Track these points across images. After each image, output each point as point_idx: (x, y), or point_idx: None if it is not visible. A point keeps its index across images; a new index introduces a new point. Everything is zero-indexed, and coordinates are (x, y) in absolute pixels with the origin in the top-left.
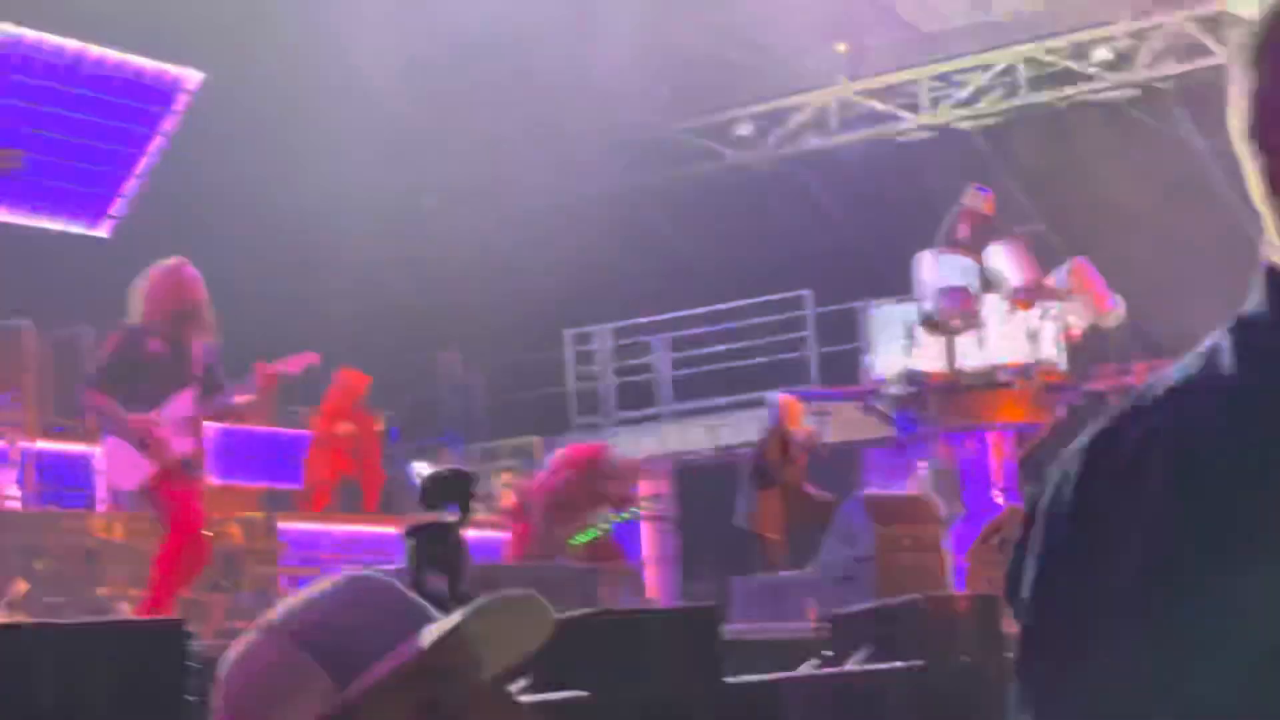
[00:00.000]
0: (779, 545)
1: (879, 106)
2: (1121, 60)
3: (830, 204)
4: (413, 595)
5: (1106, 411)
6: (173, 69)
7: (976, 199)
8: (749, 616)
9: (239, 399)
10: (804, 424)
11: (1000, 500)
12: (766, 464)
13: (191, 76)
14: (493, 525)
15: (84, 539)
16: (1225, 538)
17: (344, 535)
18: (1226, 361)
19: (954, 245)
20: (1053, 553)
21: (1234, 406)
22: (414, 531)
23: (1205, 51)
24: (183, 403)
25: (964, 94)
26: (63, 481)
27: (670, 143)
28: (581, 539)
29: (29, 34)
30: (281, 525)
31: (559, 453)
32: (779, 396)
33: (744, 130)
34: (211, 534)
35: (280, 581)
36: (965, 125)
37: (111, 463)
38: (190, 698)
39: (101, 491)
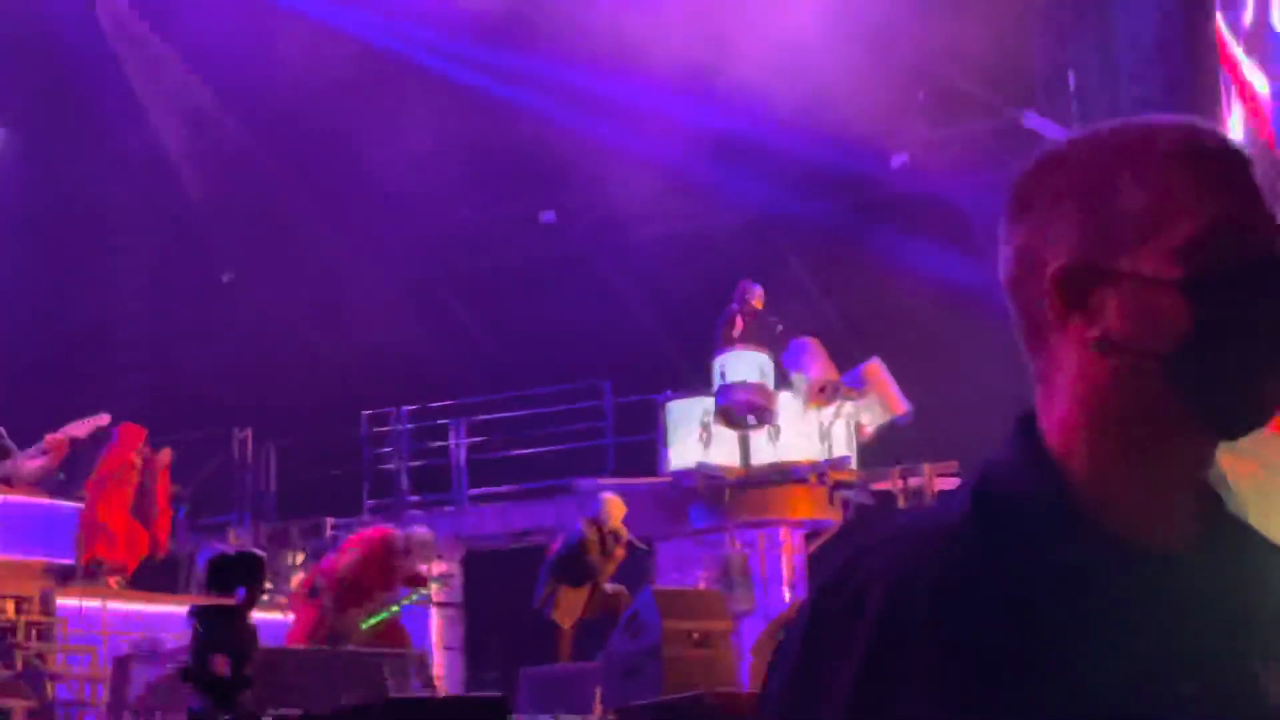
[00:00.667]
0: (568, 636)
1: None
2: (920, 168)
3: (630, 295)
4: None
5: (841, 544)
6: None
7: (750, 295)
8: (537, 707)
9: (29, 464)
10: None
11: (789, 596)
12: (586, 561)
13: None
14: (280, 607)
15: None
16: (921, 673)
17: (127, 613)
18: (957, 506)
19: (730, 342)
20: (784, 677)
21: (955, 548)
22: (200, 613)
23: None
24: None
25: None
26: None
27: (473, 230)
28: (371, 621)
29: None
30: (60, 601)
31: (349, 534)
32: (605, 495)
33: (546, 218)
34: None
35: (56, 659)
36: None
37: None
38: None
39: None
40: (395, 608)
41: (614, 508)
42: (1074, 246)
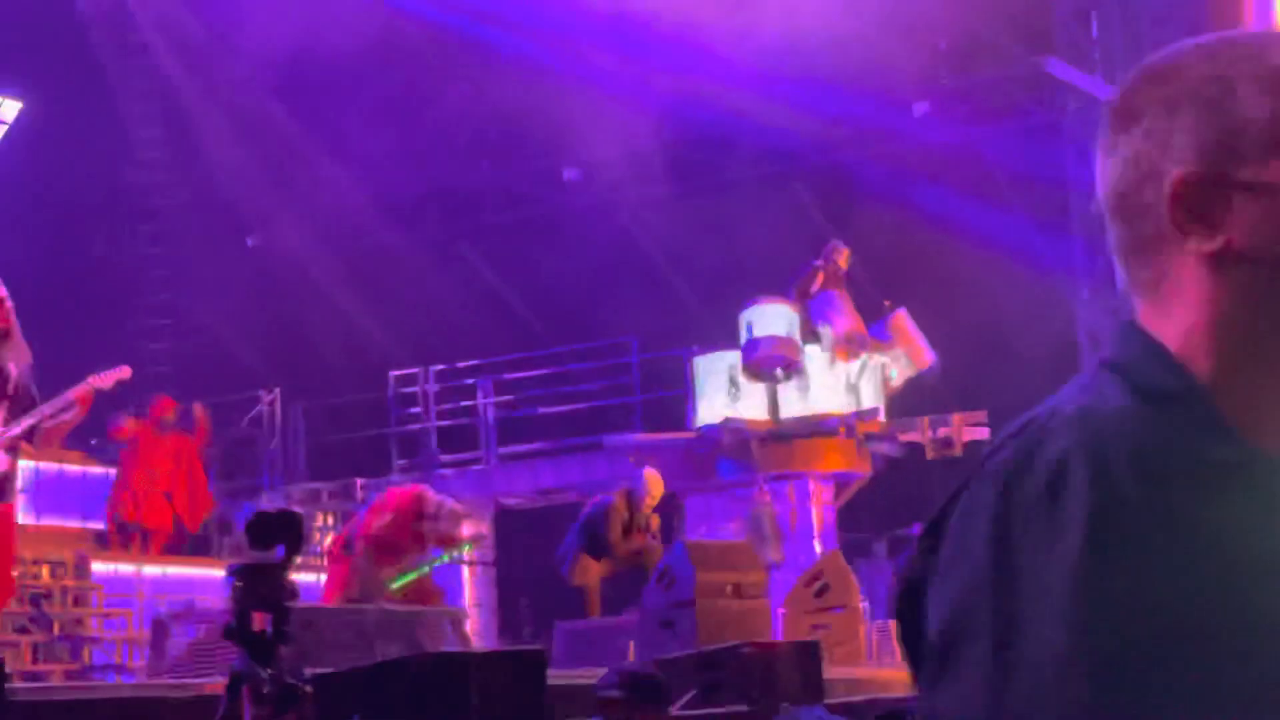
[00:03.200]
0: (597, 591)
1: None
2: (943, 117)
3: (656, 251)
4: None
5: (1001, 440)
6: None
7: (836, 253)
8: (571, 661)
9: (53, 416)
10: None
11: (819, 548)
12: (605, 538)
13: (6, 106)
14: (313, 568)
15: None
16: (1144, 548)
17: (160, 577)
18: (1115, 394)
19: (808, 296)
20: (971, 582)
21: (1140, 428)
22: (240, 572)
23: (1023, 110)
24: None
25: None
26: None
27: (498, 188)
28: (403, 581)
29: None
30: (96, 566)
31: (381, 494)
32: (647, 470)
33: (570, 175)
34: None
35: (92, 623)
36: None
37: None
38: None
39: None
40: (426, 567)
41: (654, 485)
42: (1194, 157)
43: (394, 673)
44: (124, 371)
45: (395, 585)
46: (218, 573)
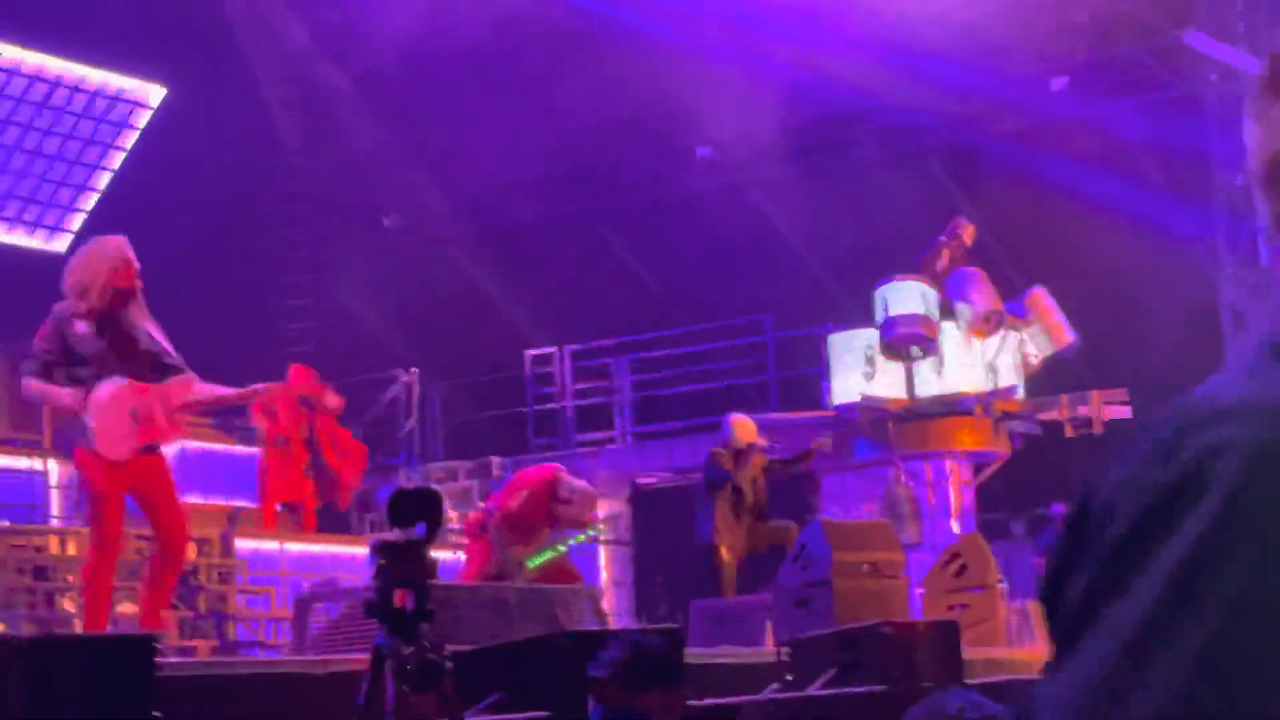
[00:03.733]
0: (733, 570)
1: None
2: (1080, 91)
3: (789, 229)
4: None
5: (1152, 423)
6: (133, 84)
7: (961, 229)
8: (707, 640)
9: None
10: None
11: (957, 528)
12: (718, 471)
13: (153, 92)
14: (451, 546)
15: (34, 555)
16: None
17: (302, 554)
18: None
19: (934, 274)
20: (1105, 567)
21: None
22: (383, 549)
23: (1162, 84)
24: (174, 387)
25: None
26: (12, 497)
27: (633, 167)
28: (539, 560)
29: None
30: (239, 543)
31: (515, 474)
32: (732, 416)
33: (703, 154)
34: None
35: (236, 600)
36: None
37: (102, 435)
38: (156, 713)
39: (55, 508)
40: (562, 546)
41: (740, 428)
42: None
43: (534, 650)
44: (336, 401)
45: (532, 564)
46: (359, 550)
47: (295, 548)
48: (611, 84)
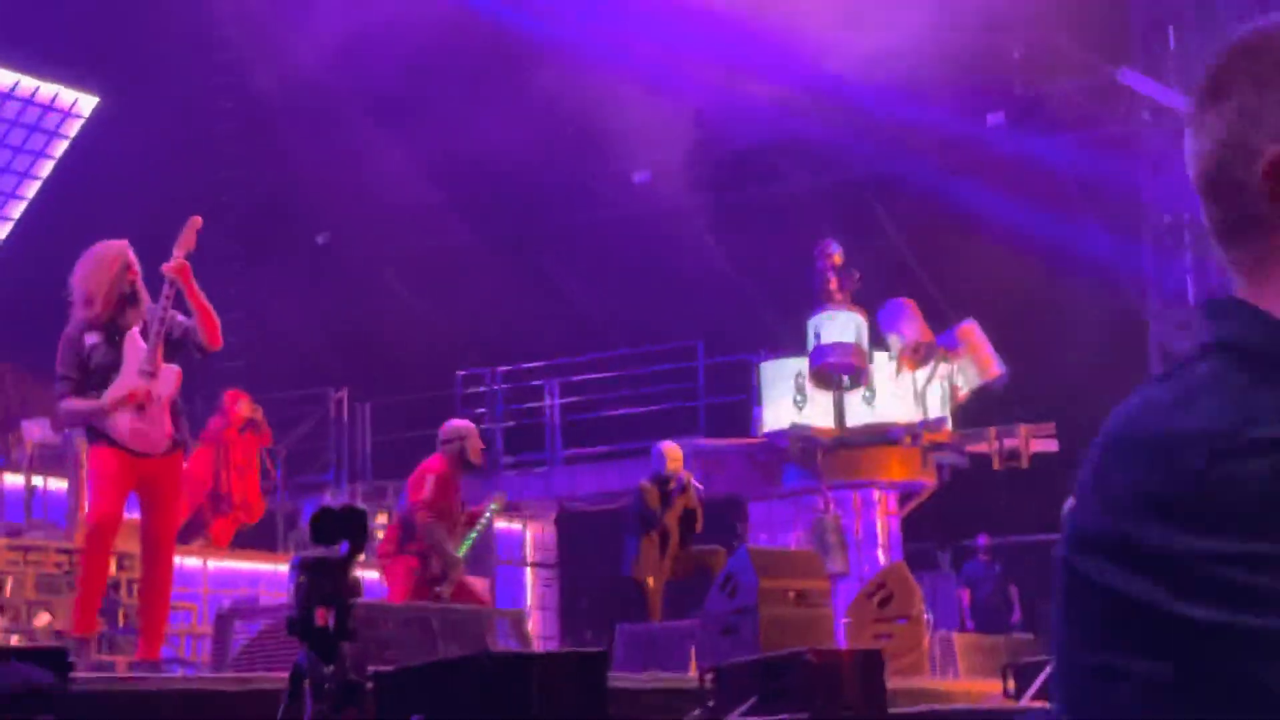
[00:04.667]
0: (659, 596)
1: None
2: (1015, 127)
3: (723, 256)
4: None
5: (1211, 439)
6: (68, 92)
7: (830, 249)
8: (633, 665)
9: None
10: (684, 470)
11: (883, 558)
12: (646, 510)
13: (87, 101)
14: (374, 567)
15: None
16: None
17: (224, 571)
18: (1218, 374)
19: (829, 298)
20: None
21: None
22: (304, 566)
23: (1096, 121)
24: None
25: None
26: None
27: (567, 190)
28: (464, 548)
29: None
30: None
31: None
32: (662, 445)
33: (640, 178)
34: None
35: None
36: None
37: (132, 431)
38: None
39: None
40: (474, 533)
41: (670, 453)
42: None
43: (455, 671)
44: (195, 221)
45: (461, 553)
46: (281, 567)
47: (217, 564)
48: (545, 105)
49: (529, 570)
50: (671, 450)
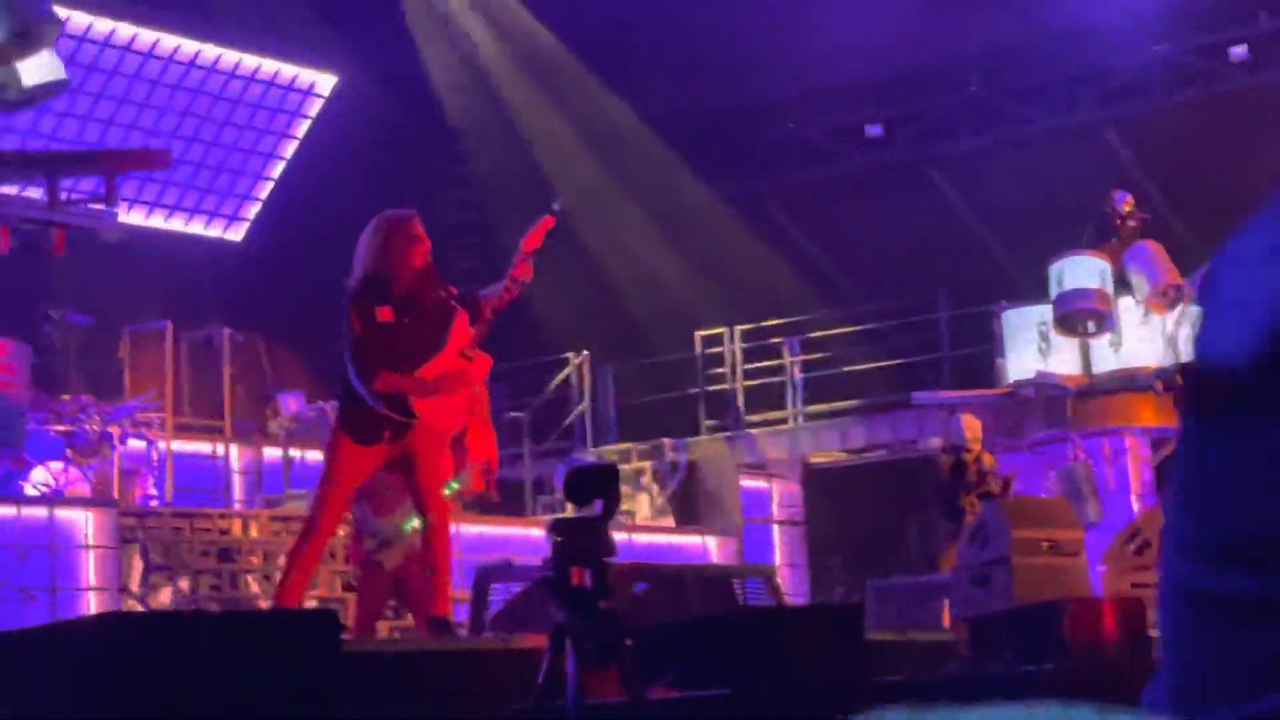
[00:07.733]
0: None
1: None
2: (1260, 59)
3: (962, 205)
4: None
5: None
6: (307, 73)
7: (1119, 203)
8: (884, 619)
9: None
10: (985, 452)
11: (1137, 506)
12: (939, 484)
13: (326, 80)
14: (622, 527)
15: (219, 537)
16: None
17: (476, 535)
18: None
19: (1098, 249)
20: None
21: None
22: (560, 527)
23: None
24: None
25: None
26: (198, 481)
27: (802, 145)
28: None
29: (166, 37)
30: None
31: None
32: (961, 415)
33: (874, 131)
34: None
35: None
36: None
37: (435, 414)
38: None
39: (237, 491)
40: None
41: (970, 428)
42: None
43: (711, 628)
44: (548, 221)
45: (407, 529)
46: (532, 531)
47: (470, 529)
48: (781, 63)
49: (775, 528)
50: (970, 422)
